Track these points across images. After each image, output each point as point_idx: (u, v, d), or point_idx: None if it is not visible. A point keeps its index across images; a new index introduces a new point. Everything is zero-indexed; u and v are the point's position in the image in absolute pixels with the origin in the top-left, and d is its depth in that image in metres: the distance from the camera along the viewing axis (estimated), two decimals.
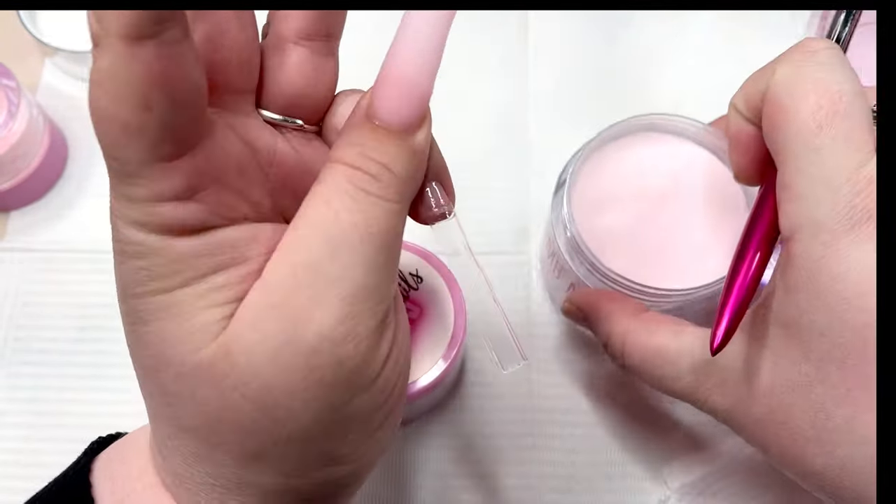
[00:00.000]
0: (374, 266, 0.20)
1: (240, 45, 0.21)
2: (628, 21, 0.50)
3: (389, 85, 0.20)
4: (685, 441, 0.40)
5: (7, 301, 0.43)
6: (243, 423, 0.19)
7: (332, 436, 0.20)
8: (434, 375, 0.33)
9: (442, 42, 0.20)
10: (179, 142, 0.18)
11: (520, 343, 0.24)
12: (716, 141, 0.37)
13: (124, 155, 0.18)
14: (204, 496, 0.21)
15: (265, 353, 0.19)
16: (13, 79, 0.42)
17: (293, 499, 0.21)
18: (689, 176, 0.37)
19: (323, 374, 0.19)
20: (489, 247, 0.44)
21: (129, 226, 0.19)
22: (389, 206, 0.20)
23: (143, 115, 0.17)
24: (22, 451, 0.40)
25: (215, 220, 0.20)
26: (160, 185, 0.18)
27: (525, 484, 0.39)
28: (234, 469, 0.20)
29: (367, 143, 0.20)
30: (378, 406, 0.21)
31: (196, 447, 0.20)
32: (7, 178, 0.43)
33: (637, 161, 0.37)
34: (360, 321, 0.19)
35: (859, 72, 0.26)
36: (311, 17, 0.22)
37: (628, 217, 0.36)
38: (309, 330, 0.19)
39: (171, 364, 0.19)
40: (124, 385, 0.41)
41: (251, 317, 0.19)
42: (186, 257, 0.19)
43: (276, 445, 0.20)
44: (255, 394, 0.19)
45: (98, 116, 0.17)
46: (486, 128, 0.47)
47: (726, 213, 0.36)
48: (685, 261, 0.35)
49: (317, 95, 0.23)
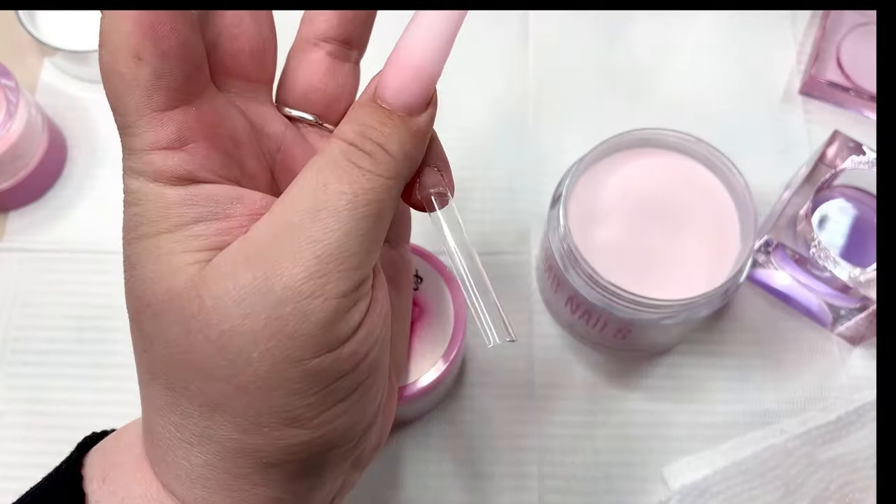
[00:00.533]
0: (355, 233, 0.20)
1: (253, 37, 0.23)
2: (628, 21, 0.50)
3: (397, 67, 0.22)
4: (685, 441, 0.40)
5: (6, 301, 0.43)
6: (205, 366, 0.20)
7: (291, 392, 0.20)
8: (434, 375, 0.33)
9: (453, 33, 0.22)
10: (171, 93, 0.20)
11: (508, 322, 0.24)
12: (707, 154, 0.37)
13: (123, 105, 0.20)
14: (171, 452, 0.22)
15: (233, 298, 0.20)
16: (12, 78, 0.42)
17: (254, 462, 0.21)
18: (682, 188, 0.38)
19: (286, 324, 0.19)
20: (489, 247, 0.44)
21: (129, 176, 0.21)
22: (380, 181, 0.21)
23: (136, 65, 0.20)
24: (21, 451, 0.40)
25: (202, 173, 0.21)
26: (153, 134, 0.20)
27: (525, 484, 0.39)
28: (196, 420, 0.21)
29: (367, 122, 0.22)
30: (343, 373, 0.21)
31: (165, 394, 0.21)
32: (6, 178, 0.43)
33: (631, 175, 0.38)
34: (331, 281, 0.20)
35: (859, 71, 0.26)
36: (331, 22, 0.24)
37: (624, 230, 0.37)
38: (278, 281, 0.20)
39: (149, 304, 0.21)
40: (124, 385, 0.41)
41: (225, 264, 0.20)
42: (173, 205, 0.21)
43: (236, 394, 0.20)
44: (218, 337, 0.20)
45: (103, 73, 0.20)
46: (485, 128, 0.47)
47: (719, 224, 0.37)
48: (681, 272, 0.36)
49: (330, 93, 0.25)
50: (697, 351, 0.42)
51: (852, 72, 0.45)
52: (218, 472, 0.21)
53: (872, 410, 0.39)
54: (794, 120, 0.47)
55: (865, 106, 0.46)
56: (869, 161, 0.39)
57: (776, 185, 0.44)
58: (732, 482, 0.38)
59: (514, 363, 0.41)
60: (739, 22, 0.50)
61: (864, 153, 0.39)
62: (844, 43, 0.46)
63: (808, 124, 0.47)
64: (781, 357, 0.41)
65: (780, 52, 0.49)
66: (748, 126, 0.47)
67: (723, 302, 0.36)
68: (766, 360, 0.41)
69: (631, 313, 0.35)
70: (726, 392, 0.41)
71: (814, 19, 0.48)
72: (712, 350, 0.41)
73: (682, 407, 0.40)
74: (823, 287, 0.38)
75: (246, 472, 0.21)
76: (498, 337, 0.23)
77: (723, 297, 0.35)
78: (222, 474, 0.21)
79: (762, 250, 0.39)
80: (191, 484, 0.22)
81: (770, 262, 0.40)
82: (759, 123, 0.47)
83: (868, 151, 0.39)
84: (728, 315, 0.42)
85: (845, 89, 0.45)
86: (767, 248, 0.39)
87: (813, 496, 0.37)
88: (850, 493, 0.37)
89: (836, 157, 0.39)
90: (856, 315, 0.39)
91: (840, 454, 0.38)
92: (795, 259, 0.38)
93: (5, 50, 0.49)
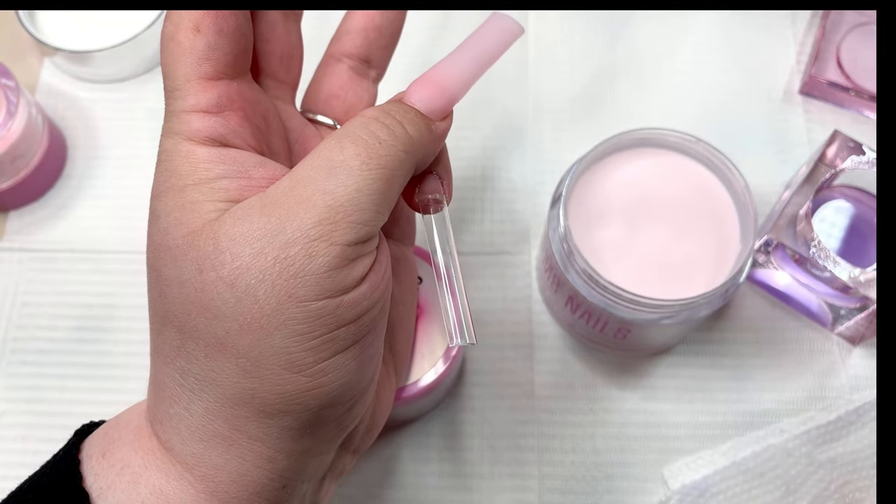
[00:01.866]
0: (366, 190, 0.22)
1: (283, 42, 0.27)
2: (628, 21, 0.50)
3: (427, 83, 0.25)
4: (685, 441, 0.40)
5: (6, 301, 0.43)
6: (214, 303, 0.21)
7: (293, 333, 0.21)
8: (434, 375, 0.33)
9: (484, 68, 0.25)
10: (218, 65, 0.23)
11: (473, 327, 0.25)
12: (707, 154, 0.38)
13: (175, 70, 0.22)
14: (174, 403, 0.23)
15: (246, 239, 0.21)
16: (12, 78, 0.42)
17: (252, 411, 0.22)
18: (682, 188, 0.38)
19: (292, 263, 0.21)
20: (490, 247, 0.44)
21: (166, 136, 0.23)
22: (395, 151, 0.23)
23: (194, 36, 0.22)
24: (21, 451, 0.40)
25: (234, 139, 0.23)
26: (195, 98, 0.23)
27: (525, 484, 0.39)
28: (202, 362, 0.22)
29: (390, 107, 0.24)
30: (344, 322, 0.22)
31: (175, 338, 0.22)
32: (6, 177, 0.43)
33: (630, 175, 0.38)
34: (339, 229, 0.21)
35: (859, 71, 0.26)
36: (355, 42, 0.29)
37: (624, 230, 0.37)
38: (289, 224, 0.21)
39: (169, 248, 0.22)
40: (124, 385, 0.41)
41: (242, 211, 0.21)
42: (202, 161, 0.22)
43: (241, 332, 0.21)
44: (228, 274, 0.21)
45: (163, 40, 0.23)
46: (485, 128, 0.47)
47: (719, 224, 0.37)
48: (681, 271, 0.36)
49: (349, 102, 0.29)
50: (697, 351, 0.42)
51: (852, 72, 0.45)
52: (217, 422, 0.22)
53: (872, 410, 0.39)
54: (794, 120, 0.47)
55: (865, 106, 0.46)
56: (869, 161, 0.39)
57: (776, 185, 0.44)
58: (732, 482, 0.38)
59: (514, 363, 0.41)
60: (739, 22, 0.50)
61: (864, 153, 0.39)
62: (844, 43, 0.46)
63: (808, 124, 0.47)
64: (781, 357, 0.41)
65: (780, 52, 0.49)
66: (748, 126, 0.47)
67: (723, 302, 0.36)
68: (766, 360, 0.41)
69: (631, 313, 0.35)
70: (726, 392, 0.41)
71: (814, 19, 0.48)
72: (712, 350, 0.41)
73: (681, 407, 0.40)
74: (823, 287, 0.38)
75: (243, 423, 0.22)
76: (460, 338, 0.25)
77: (723, 297, 0.36)
78: (221, 424, 0.22)
79: (762, 250, 0.39)
80: (189, 437, 0.22)
81: (770, 262, 0.40)
82: (759, 123, 0.47)
83: (868, 151, 0.39)
84: (728, 315, 0.42)
85: (845, 89, 0.45)
86: (767, 248, 0.39)
87: (813, 496, 0.37)
88: (850, 493, 0.37)
89: (836, 157, 0.39)
90: (856, 315, 0.39)
91: (840, 454, 0.38)
92: (795, 259, 0.38)
93: (5, 50, 0.49)
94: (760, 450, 0.38)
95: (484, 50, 0.25)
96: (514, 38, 0.26)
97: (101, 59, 0.46)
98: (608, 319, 0.37)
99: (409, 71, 0.35)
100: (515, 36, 0.26)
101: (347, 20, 0.29)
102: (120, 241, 0.44)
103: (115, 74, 0.48)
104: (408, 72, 0.30)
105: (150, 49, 0.48)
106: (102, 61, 0.47)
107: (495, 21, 0.26)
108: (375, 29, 0.29)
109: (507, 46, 0.26)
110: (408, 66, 0.45)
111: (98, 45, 0.46)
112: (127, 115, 0.48)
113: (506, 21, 0.25)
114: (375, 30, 0.29)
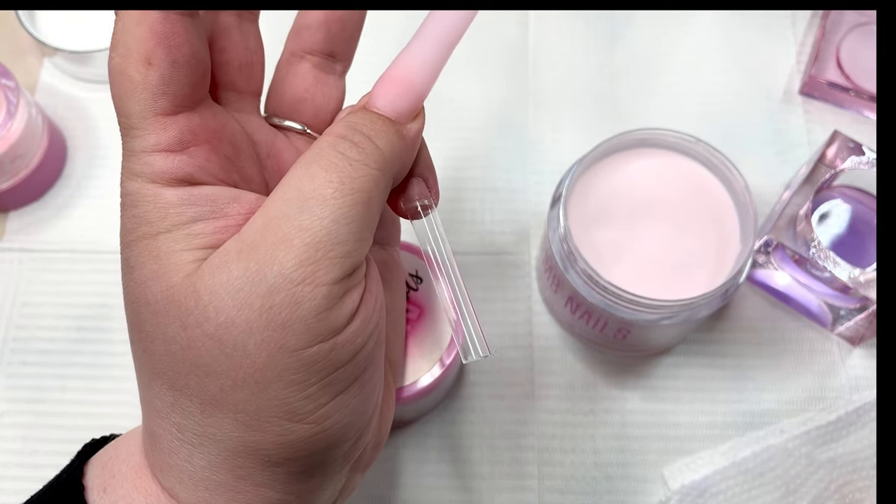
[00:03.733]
0: (343, 220, 0.20)
1: (240, 50, 0.24)
2: (628, 21, 0.50)
3: (390, 81, 0.23)
4: (685, 441, 0.40)
5: (6, 301, 0.43)
6: (204, 361, 0.20)
7: (289, 383, 0.20)
8: (434, 376, 0.33)
9: (446, 54, 0.23)
10: (175, 99, 0.21)
11: (484, 337, 0.24)
12: (707, 154, 0.38)
13: (128, 107, 0.21)
14: (173, 456, 0.22)
15: (227, 291, 0.20)
16: (12, 78, 0.42)
17: (257, 461, 0.21)
18: (682, 188, 0.38)
19: (279, 312, 0.20)
20: (489, 247, 0.44)
21: (128, 178, 0.21)
22: (367, 170, 0.21)
23: (146, 69, 0.20)
24: (21, 451, 0.40)
25: (202, 175, 0.21)
26: (155, 137, 0.21)
27: (525, 484, 0.39)
28: (198, 419, 0.21)
29: (356, 120, 0.22)
30: (340, 364, 0.21)
31: (166, 395, 0.21)
32: (6, 178, 0.43)
33: (630, 175, 0.38)
34: (321, 268, 0.20)
35: (859, 71, 0.26)
36: (316, 37, 0.26)
37: (624, 230, 0.37)
38: (270, 270, 0.20)
39: (149, 303, 0.21)
40: (123, 385, 0.41)
41: (219, 259, 0.20)
42: (171, 205, 0.21)
43: (235, 388, 0.20)
44: (215, 330, 0.20)
45: (112, 74, 0.21)
46: (485, 128, 0.47)
47: (719, 225, 0.37)
48: (681, 272, 0.36)
49: (318, 103, 0.26)
50: (697, 351, 0.42)
51: (852, 72, 0.45)
52: (221, 473, 0.21)
53: (872, 410, 0.39)
54: (794, 120, 0.47)
55: (865, 106, 0.46)
56: (869, 161, 0.39)
57: (776, 185, 0.44)
58: (732, 482, 0.38)
59: (514, 363, 0.41)
60: (739, 22, 0.50)
61: (864, 153, 0.39)
62: (844, 43, 0.46)
63: (808, 124, 0.47)
64: (781, 357, 0.41)
65: (780, 52, 0.49)
66: (748, 126, 0.47)
67: (723, 302, 0.36)
68: (766, 360, 0.41)
69: (631, 313, 0.35)
70: (726, 392, 0.41)
71: (814, 19, 0.48)
72: (712, 350, 0.41)
73: (681, 407, 0.40)
74: (823, 287, 0.38)
75: (248, 472, 0.21)
76: (473, 352, 0.23)
77: (723, 297, 0.36)
78: (225, 475, 0.21)
79: (762, 250, 0.39)
80: (194, 487, 0.22)
81: (770, 262, 0.40)
82: (759, 123, 0.47)
83: (868, 151, 0.39)
84: (728, 315, 0.42)
85: (845, 89, 0.45)
86: (767, 248, 0.39)
87: (813, 496, 0.37)
88: (850, 493, 0.37)
89: (835, 157, 0.39)
90: (856, 315, 0.39)
91: (840, 454, 0.38)
92: (795, 259, 0.38)
93: (5, 50, 0.49)
94: (760, 450, 0.38)
95: (442, 35, 0.23)
96: (470, 18, 0.23)
97: (101, 59, 0.46)
98: (608, 320, 0.37)
99: None
100: (471, 15, 0.23)
101: (305, 14, 0.26)
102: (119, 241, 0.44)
103: None
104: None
105: None
106: (102, 61, 0.47)
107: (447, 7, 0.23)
108: (338, 21, 0.26)
109: (464, 27, 0.23)
110: None
111: (98, 45, 0.46)
112: None
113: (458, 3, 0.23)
114: (338, 22, 0.26)
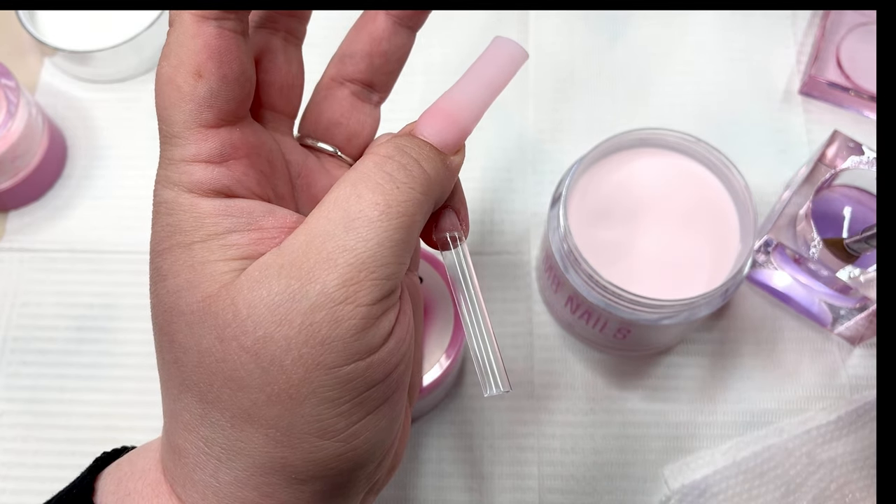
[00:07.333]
0: (387, 242, 0.20)
1: (283, 72, 0.25)
2: (628, 21, 0.50)
3: (439, 113, 0.23)
4: (685, 441, 0.40)
5: (6, 301, 0.43)
6: (238, 375, 0.20)
7: (323, 400, 0.20)
8: (434, 376, 0.33)
9: (493, 96, 0.24)
10: (220, 112, 0.21)
11: (506, 371, 0.24)
12: (707, 154, 0.38)
13: (173, 116, 0.21)
14: (199, 470, 0.21)
15: (267, 306, 0.20)
16: (12, 78, 0.42)
17: (284, 479, 0.21)
18: (682, 188, 0.38)
19: (319, 330, 0.20)
20: (489, 247, 0.44)
21: (164, 186, 0.21)
22: (413, 195, 0.21)
23: (195, 81, 0.21)
24: (21, 451, 0.40)
25: (238, 189, 0.22)
26: (197, 147, 0.21)
27: (525, 484, 0.39)
28: (228, 432, 0.21)
29: (404, 142, 0.22)
30: (374, 382, 0.21)
31: (196, 407, 0.21)
32: (6, 177, 0.43)
33: (630, 175, 0.38)
34: (363, 288, 0.20)
35: (859, 71, 0.26)
36: (359, 66, 0.27)
37: (624, 230, 0.37)
38: (312, 288, 0.20)
39: (183, 313, 0.21)
40: (123, 385, 0.41)
41: (259, 273, 0.20)
42: (208, 215, 0.21)
43: (269, 403, 0.20)
44: (252, 344, 0.20)
45: (159, 82, 0.21)
46: (485, 128, 0.47)
47: (718, 224, 0.37)
48: (680, 272, 0.37)
49: (352, 129, 0.27)
50: (697, 351, 0.42)
51: (852, 72, 0.45)
52: (246, 490, 0.21)
53: (872, 410, 0.39)
54: (794, 120, 0.47)
55: (865, 106, 0.46)
56: (869, 161, 0.39)
57: (776, 185, 0.44)
58: (732, 482, 0.38)
59: (514, 363, 0.41)
60: (739, 22, 0.50)
61: (864, 153, 0.39)
62: (844, 43, 0.46)
63: (808, 124, 0.47)
64: (781, 357, 0.41)
65: (780, 52, 0.49)
66: (748, 126, 0.47)
67: (723, 302, 0.36)
68: (766, 360, 0.41)
69: (631, 313, 0.35)
70: (726, 392, 0.41)
71: (814, 19, 0.48)
72: (712, 350, 0.42)
73: (681, 407, 0.40)
74: (823, 287, 0.38)
75: (274, 490, 0.21)
76: (494, 387, 0.23)
77: (723, 297, 0.36)
78: (250, 492, 0.21)
79: (762, 250, 0.39)
80: (217, 503, 0.21)
81: (770, 262, 0.40)
82: (759, 123, 0.47)
83: (868, 151, 0.39)
84: (728, 315, 0.42)
85: (845, 89, 0.45)
86: (767, 248, 0.39)
87: (813, 496, 0.37)
88: (850, 493, 0.37)
89: (835, 157, 0.39)
90: (856, 315, 0.39)
91: (840, 454, 0.38)
92: (795, 259, 0.38)
93: (5, 50, 0.49)
94: (760, 450, 0.38)
95: (492, 77, 0.24)
96: (520, 64, 0.24)
97: (101, 59, 0.46)
98: (608, 319, 0.37)
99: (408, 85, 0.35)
100: (521, 61, 0.24)
101: (351, 42, 0.27)
102: (120, 241, 0.44)
103: (115, 74, 0.48)
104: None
105: (150, 49, 0.48)
106: (102, 61, 0.47)
107: (500, 46, 0.24)
108: (381, 55, 0.27)
109: (513, 73, 0.24)
110: None
111: (98, 45, 0.46)
112: (127, 115, 0.48)
113: (510, 46, 0.24)
114: (381, 55, 0.27)
